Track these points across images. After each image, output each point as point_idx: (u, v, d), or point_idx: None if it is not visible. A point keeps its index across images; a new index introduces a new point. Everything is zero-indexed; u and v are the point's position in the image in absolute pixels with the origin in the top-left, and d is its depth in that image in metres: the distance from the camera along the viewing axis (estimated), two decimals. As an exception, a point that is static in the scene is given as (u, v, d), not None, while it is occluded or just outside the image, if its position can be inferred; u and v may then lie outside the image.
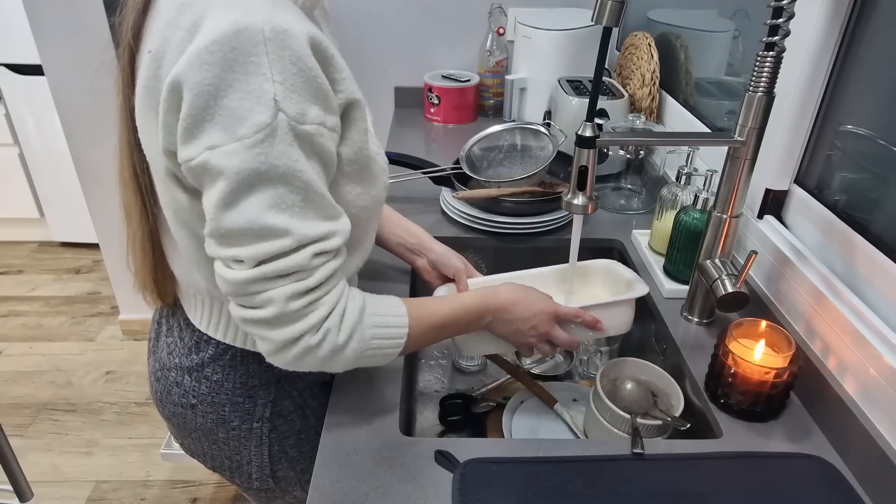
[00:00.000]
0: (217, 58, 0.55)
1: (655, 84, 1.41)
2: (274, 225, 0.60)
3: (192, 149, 0.58)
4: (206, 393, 0.83)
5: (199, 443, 0.88)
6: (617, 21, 0.71)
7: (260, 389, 0.82)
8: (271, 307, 0.62)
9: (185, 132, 0.58)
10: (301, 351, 0.64)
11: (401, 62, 1.91)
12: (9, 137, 2.61)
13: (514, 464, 0.72)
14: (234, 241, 0.61)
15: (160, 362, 0.86)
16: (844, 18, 0.84)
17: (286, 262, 0.61)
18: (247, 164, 0.57)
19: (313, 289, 0.64)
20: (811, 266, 0.85)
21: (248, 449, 0.85)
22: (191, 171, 0.60)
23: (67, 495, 1.79)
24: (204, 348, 0.82)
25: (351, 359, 0.68)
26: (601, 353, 1.04)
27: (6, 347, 2.34)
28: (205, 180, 0.60)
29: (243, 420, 0.83)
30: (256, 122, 0.57)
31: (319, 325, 0.65)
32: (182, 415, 0.85)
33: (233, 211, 0.59)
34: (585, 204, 0.83)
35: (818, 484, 0.70)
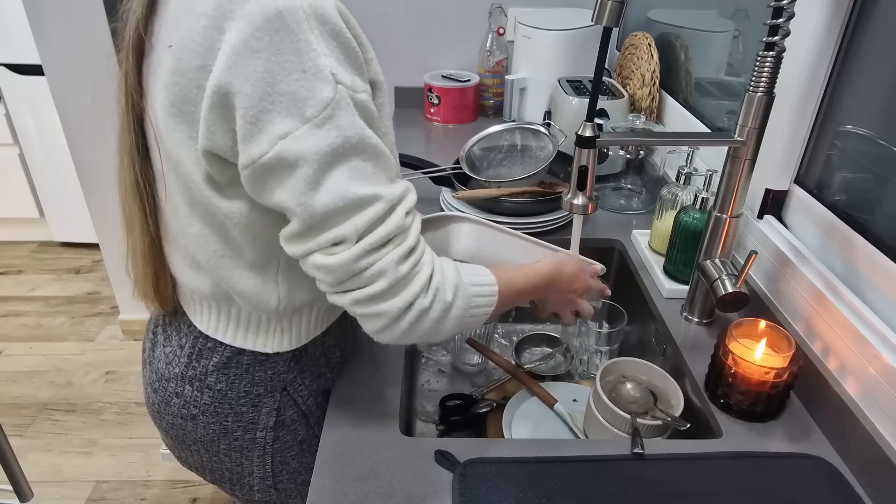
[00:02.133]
0: (264, 44, 0.54)
1: (655, 84, 1.41)
2: (364, 194, 0.59)
3: (261, 144, 0.57)
4: (208, 403, 0.80)
5: (198, 455, 0.85)
6: (617, 21, 0.71)
7: (265, 398, 0.80)
8: (384, 278, 0.61)
9: (249, 127, 0.57)
10: (416, 316, 0.63)
11: (401, 62, 1.91)
12: (9, 137, 2.61)
13: (514, 464, 0.72)
14: (331, 223, 0.59)
15: (157, 373, 0.83)
16: (844, 18, 0.84)
17: (387, 227, 0.61)
18: (323, 143, 0.57)
19: (413, 248, 0.63)
20: (811, 266, 0.85)
21: (249, 460, 0.83)
22: (263, 167, 0.58)
23: (67, 495, 1.79)
24: (208, 356, 0.79)
25: (456, 318, 0.67)
26: (601, 353, 1.04)
27: (6, 347, 2.34)
28: (279, 174, 0.58)
29: (246, 430, 0.81)
30: (321, 99, 0.56)
31: (428, 285, 0.64)
32: (182, 426, 0.82)
33: (321, 191, 0.58)
34: (585, 204, 0.83)
35: (818, 484, 0.70)
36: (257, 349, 0.78)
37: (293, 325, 0.78)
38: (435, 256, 0.67)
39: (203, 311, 0.78)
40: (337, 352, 0.86)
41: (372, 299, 0.62)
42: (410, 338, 0.66)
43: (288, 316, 0.77)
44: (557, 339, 1.12)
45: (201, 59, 0.58)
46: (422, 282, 0.63)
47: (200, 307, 0.78)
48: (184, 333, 0.80)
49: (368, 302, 0.62)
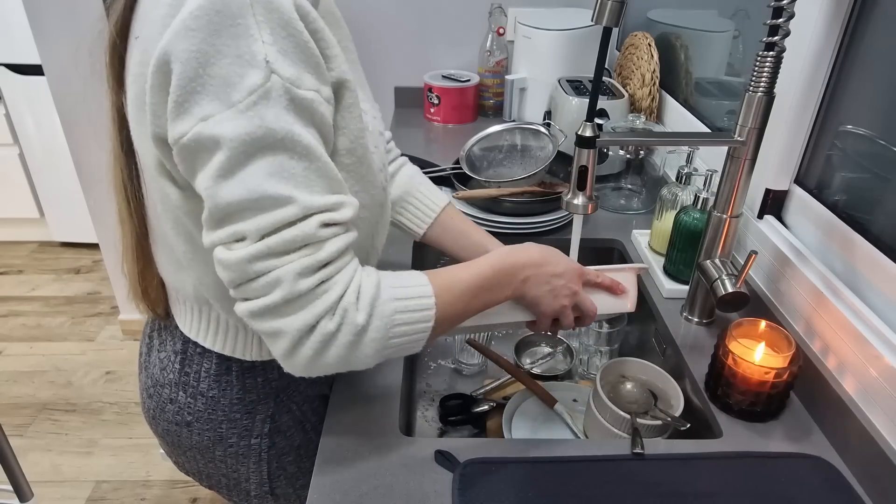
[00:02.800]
0: (202, 23, 0.52)
1: (655, 84, 1.41)
2: (277, 193, 0.55)
3: (184, 123, 0.54)
4: (202, 410, 0.79)
5: (194, 461, 0.85)
6: (617, 21, 0.71)
7: (258, 405, 0.79)
8: (279, 289, 0.56)
9: (176, 107, 0.54)
10: (320, 340, 0.57)
11: (401, 62, 1.91)
12: (9, 137, 2.61)
13: (514, 464, 0.72)
14: (235, 217, 0.56)
15: (153, 378, 0.82)
16: (844, 18, 0.84)
17: (292, 233, 0.56)
18: (242, 130, 0.53)
19: (325, 264, 0.58)
20: (811, 266, 0.85)
21: (245, 466, 0.82)
22: (184, 148, 0.55)
23: (67, 495, 1.79)
24: (199, 362, 0.78)
25: (377, 342, 0.60)
26: (601, 353, 1.04)
27: (6, 347, 2.34)
28: (199, 158, 0.55)
29: (241, 437, 0.80)
30: (249, 85, 0.53)
31: (335, 307, 0.58)
32: (177, 433, 0.82)
33: (231, 182, 0.54)
34: (585, 204, 0.83)
35: (818, 484, 0.70)
36: (237, 356, 0.76)
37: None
38: (362, 275, 0.61)
39: (188, 314, 0.77)
40: None
41: (267, 312, 0.57)
42: (321, 367, 0.59)
43: None
44: (557, 339, 1.11)
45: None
46: (328, 302, 0.57)
47: (185, 309, 0.77)
48: (177, 338, 0.79)
49: (264, 315, 0.57)
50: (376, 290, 0.61)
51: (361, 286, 0.60)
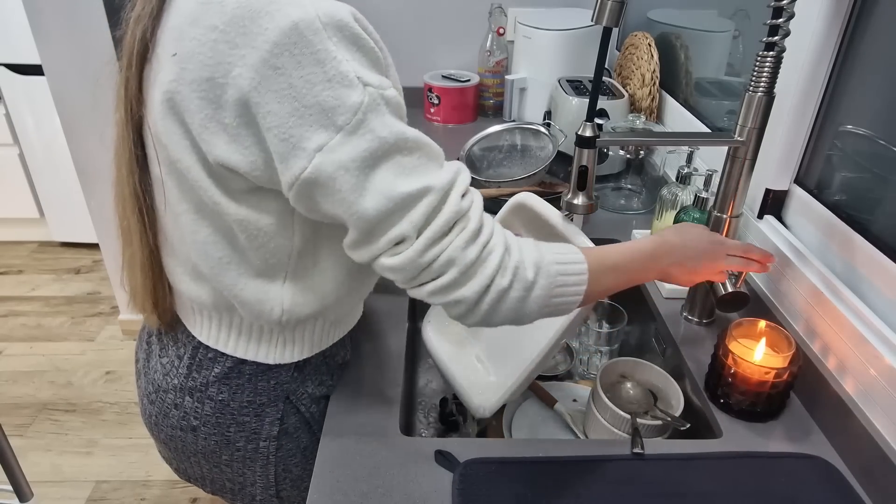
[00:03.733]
0: (284, 60, 0.54)
1: (655, 84, 1.41)
2: (412, 189, 0.58)
3: (300, 161, 0.57)
4: (209, 413, 0.78)
5: (198, 466, 0.84)
6: (617, 21, 0.71)
7: (268, 407, 0.79)
8: (454, 267, 0.60)
9: (283, 146, 0.57)
10: (495, 298, 0.61)
11: (401, 62, 1.90)
12: (9, 137, 2.61)
13: (514, 464, 0.72)
14: (386, 224, 0.59)
15: (154, 384, 0.81)
16: (844, 18, 0.84)
17: (444, 216, 0.59)
18: (360, 149, 0.56)
19: (478, 230, 0.62)
20: (811, 266, 0.85)
21: (252, 470, 0.82)
22: (306, 183, 0.58)
23: (67, 495, 1.79)
24: (209, 366, 0.77)
25: (541, 298, 0.63)
26: (601, 353, 1.04)
27: (6, 347, 2.34)
28: (322, 187, 0.58)
29: (249, 440, 0.79)
30: (350, 106, 0.56)
31: (504, 264, 0.62)
32: (181, 438, 0.80)
33: (367, 196, 0.57)
34: (585, 204, 0.83)
35: (818, 484, 0.70)
36: (259, 360, 0.77)
37: (296, 336, 0.77)
38: (509, 235, 0.65)
39: (203, 322, 0.77)
40: (338, 358, 0.85)
41: (447, 288, 0.61)
42: (495, 320, 0.64)
43: (291, 327, 0.76)
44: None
45: (209, 71, 0.57)
46: (495, 263, 0.61)
47: (200, 317, 0.77)
48: (182, 344, 0.79)
49: (444, 292, 0.61)
50: (538, 251, 0.65)
51: (522, 247, 0.64)
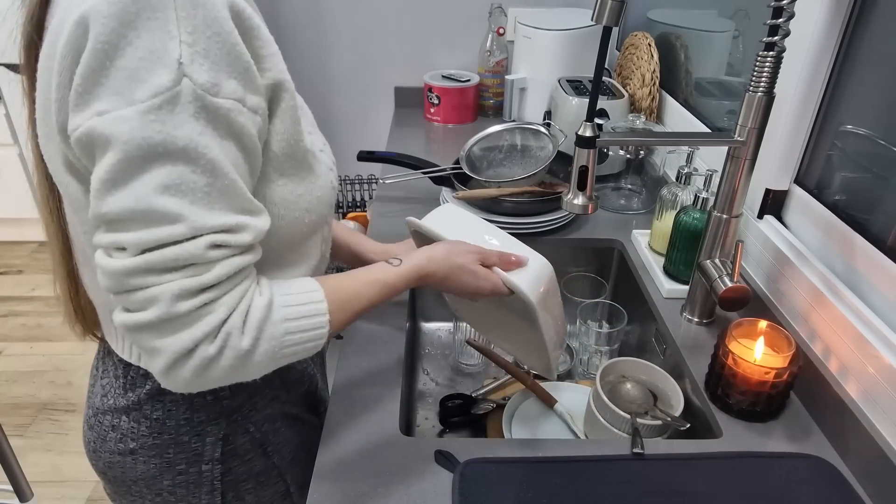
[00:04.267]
0: (116, 9, 0.48)
1: (655, 84, 1.41)
2: (165, 208, 0.51)
3: (81, 116, 0.50)
4: (146, 434, 0.71)
5: (140, 498, 0.76)
6: (617, 21, 0.71)
7: (208, 425, 0.72)
8: (155, 307, 0.52)
9: (77, 97, 0.50)
10: (199, 364, 0.54)
11: (401, 62, 1.91)
12: (9, 137, 2.61)
13: (514, 464, 0.72)
14: (119, 226, 0.52)
15: (94, 408, 0.75)
16: (844, 18, 0.84)
17: (175, 252, 0.52)
18: (137, 133, 0.49)
19: (209, 287, 0.54)
20: (811, 266, 0.85)
21: (197, 497, 0.75)
22: (77, 143, 0.52)
23: (67, 495, 1.79)
24: (141, 383, 0.71)
25: (264, 363, 0.58)
26: (601, 353, 1.04)
27: (6, 347, 2.34)
28: (87, 153, 0.52)
29: (190, 463, 0.73)
30: (155, 85, 0.49)
31: (217, 331, 0.54)
32: (120, 464, 0.73)
33: (120, 190, 0.50)
34: (585, 204, 0.83)
35: (818, 484, 0.70)
36: None
37: None
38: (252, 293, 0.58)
39: (119, 336, 0.70)
40: (295, 373, 0.80)
41: (143, 329, 0.53)
42: (206, 384, 0.57)
43: None
44: (557, 339, 1.12)
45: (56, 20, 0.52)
46: (209, 326, 0.54)
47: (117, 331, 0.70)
48: (116, 361, 0.72)
49: (140, 331, 0.54)
50: (266, 311, 0.57)
51: (250, 308, 0.57)
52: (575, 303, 1.07)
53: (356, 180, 1.85)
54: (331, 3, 1.82)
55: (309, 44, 1.87)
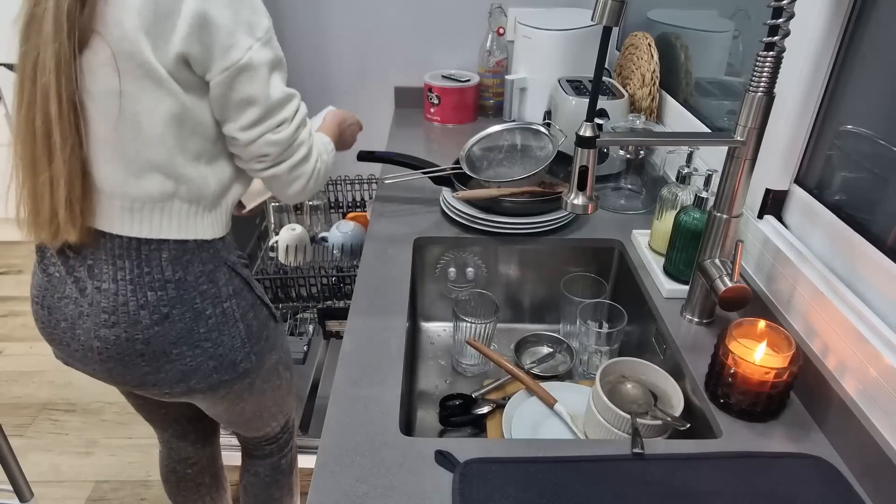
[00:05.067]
0: None
1: (655, 84, 1.41)
2: (291, 91, 0.90)
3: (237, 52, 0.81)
4: (175, 295, 0.88)
5: (180, 361, 0.91)
6: (617, 21, 0.71)
7: (216, 273, 0.92)
8: (303, 146, 0.93)
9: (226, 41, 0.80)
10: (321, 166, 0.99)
11: (401, 62, 1.91)
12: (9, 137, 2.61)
13: (514, 464, 0.72)
14: (279, 108, 0.88)
15: (109, 308, 0.87)
16: (844, 18, 0.84)
17: (303, 110, 0.93)
18: (269, 55, 0.85)
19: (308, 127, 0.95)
20: (811, 266, 0.85)
21: (227, 335, 0.94)
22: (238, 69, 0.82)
23: (67, 495, 1.79)
24: (155, 256, 0.87)
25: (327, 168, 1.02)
26: (601, 353, 1.04)
27: (6, 347, 2.34)
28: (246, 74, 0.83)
29: (215, 305, 0.92)
30: (264, 27, 0.84)
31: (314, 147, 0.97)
32: (160, 333, 0.89)
33: (272, 87, 0.86)
34: (585, 204, 0.83)
35: (818, 484, 0.70)
36: (198, 237, 0.90)
37: (216, 216, 0.93)
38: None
39: (143, 218, 0.87)
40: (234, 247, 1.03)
41: (301, 162, 0.93)
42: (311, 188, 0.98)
43: (215, 206, 0.92)
44: (558, 339, 1.12)
45: None
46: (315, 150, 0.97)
47: (140, 214, 0.86)
48: (115, 256, 0.87)
49: (299, 165, 0.93)
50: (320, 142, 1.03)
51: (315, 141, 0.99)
52: (575, 303, 1.07)
53: (356, 180, 1.85)
54: (331, 3, 1.82)
55: (309, 44, 1.87)
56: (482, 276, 1.22)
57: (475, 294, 1.10)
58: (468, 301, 1.09)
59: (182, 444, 1.29)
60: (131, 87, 0.80)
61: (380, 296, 1.02)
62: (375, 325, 0.95)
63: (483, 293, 1.10)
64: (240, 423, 1.15)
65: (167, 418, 1.23)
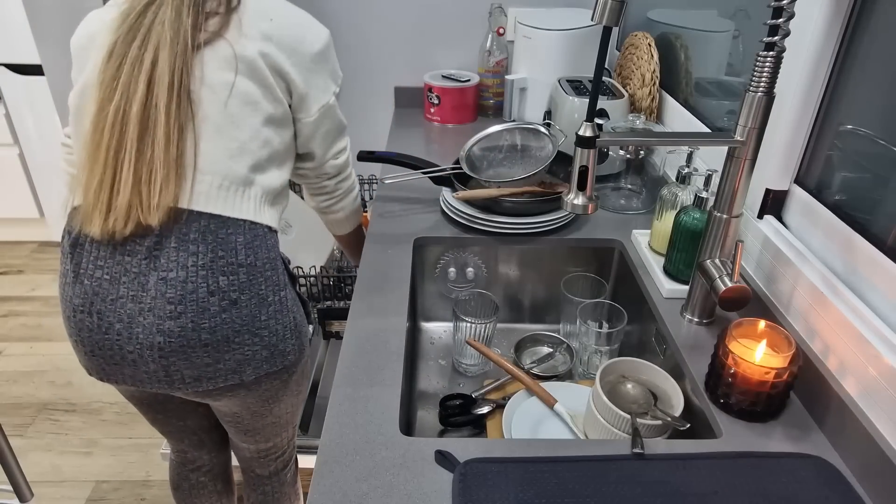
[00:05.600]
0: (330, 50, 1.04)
1: (655, 84, 1.41)
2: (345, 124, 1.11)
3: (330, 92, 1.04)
4: (244, 280, 0.92)
5: (240, 349, 0.93)
6: (617, 21, 0.71)
7: (277, 261, 0.97)
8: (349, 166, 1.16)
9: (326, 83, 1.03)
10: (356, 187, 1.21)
11: (401, 62, 1.91)
12: (9, 137, 2.61)
13: (514, 464, 0.72)
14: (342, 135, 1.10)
15: (175, 297, 0.88)
16: (844, 18, 0.84)
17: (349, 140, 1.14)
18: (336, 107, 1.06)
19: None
20: (811, 266, 0.85)
21: (281, 324, 0.97)
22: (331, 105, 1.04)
23: (67, 495, 1.79)
24: (232, 240, 0.91)
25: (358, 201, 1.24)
26: (601, 353, 1.04)
27: (6, 347, 2.34)
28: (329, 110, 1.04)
29: (276, 293, 0.96)
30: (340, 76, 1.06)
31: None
32: (226, 321, 0.91)
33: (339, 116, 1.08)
34: (585, 204, 0.83)
35: (818, 484, 0.70)
36: (268, 223, 0.96)
37: (277, 210, 1.01)
38: None
39: (228, 197, 0.91)
40: None
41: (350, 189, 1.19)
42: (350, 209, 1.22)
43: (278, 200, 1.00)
44: (558, 339, 1.12)
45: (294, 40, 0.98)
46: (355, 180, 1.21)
47: (226, 192, 0.91)
48: (190, 241, 0.89)
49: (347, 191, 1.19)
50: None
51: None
52: (575, 303, 1.07)
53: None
54: (331, 3, 1.82)
55: (309, 44, 1.87)
56: (482, 276, 1.22)
57: (475, 294, 1.10)
58: (468, 301, 1.09)
59: (198, 454, 1.28)
60: (244, 83, 0.91)
61: (380, 296, 1.02)
62: (375, 325, 0.95)
63: (483, 293, 1.10)
64: (258, 429, 1.14)
65: (185, 430, 1.21)
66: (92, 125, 0.88)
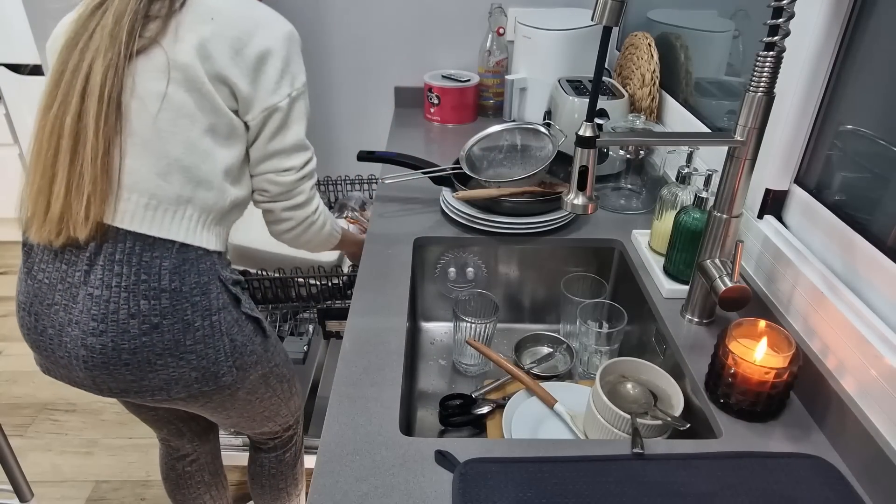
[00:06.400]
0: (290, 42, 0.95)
1: (655, 84, 1.41)
2: (306, 143, 1.01)
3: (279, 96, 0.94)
4: (167, 305, 0.89)
5: (164, 371, 0.91)
6: (617, 20, 0.71)
7: (210, 285, 0.93)
8: (303, 195, 1.03)
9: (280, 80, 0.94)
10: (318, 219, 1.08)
11: (401, 62, 1.91)
12: (9, 137, 2.61)
13: (514, 464, 0.72)
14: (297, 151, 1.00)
15: (98, 315, 0.87)
16: (844, 18, 0.84)
17: (311, 165, 1.03)
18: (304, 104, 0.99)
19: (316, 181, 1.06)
20: (811, 266, 0.85)
21: (213, 347, 0.94)
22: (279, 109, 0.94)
23: (67, 495, 1.79)
24: (157, 263, 0.88)
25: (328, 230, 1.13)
26: (601, 353, 1.04)
27: (6, 347, 2.34)
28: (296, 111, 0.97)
29: (204, 318, 0.92)
30: (302, 80, 0.98)
31: (319, 205, 1.08)
32: (146, 344, 0.89)
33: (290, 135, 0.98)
34: (585, 204, 0.83)
35: (818, 484, 0.70)
36: (202, 245, 0.92)
37: (220, 230, 0.97)
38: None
39: (156, 217, 0.88)
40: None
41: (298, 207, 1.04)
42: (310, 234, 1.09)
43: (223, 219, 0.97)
44: (558, 339, 1.12)
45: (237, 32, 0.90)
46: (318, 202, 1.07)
47: (153, 212, 0.88)
48: (115, 261, 0.87)
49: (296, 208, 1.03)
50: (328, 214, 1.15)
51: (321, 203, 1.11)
52: (575, 303, 1.07)
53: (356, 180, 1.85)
54: (331, 3, 1.82)
55: (309, 44, 1.87)
56: (482, 276, 1.22)
57: (475, 294, 1.10)
58: (468, 301, 1.09)
59: (180, 442, 1.30)
60: (178, 93, 0.86)
61: (380, 296, 1.02)
62: (375, 325, 0.95)
63: (483, 293, 1.10)
64: (231, 425, 1.16)
65: (159, 419, 1.23)
66: (34, 132, 0.87)
